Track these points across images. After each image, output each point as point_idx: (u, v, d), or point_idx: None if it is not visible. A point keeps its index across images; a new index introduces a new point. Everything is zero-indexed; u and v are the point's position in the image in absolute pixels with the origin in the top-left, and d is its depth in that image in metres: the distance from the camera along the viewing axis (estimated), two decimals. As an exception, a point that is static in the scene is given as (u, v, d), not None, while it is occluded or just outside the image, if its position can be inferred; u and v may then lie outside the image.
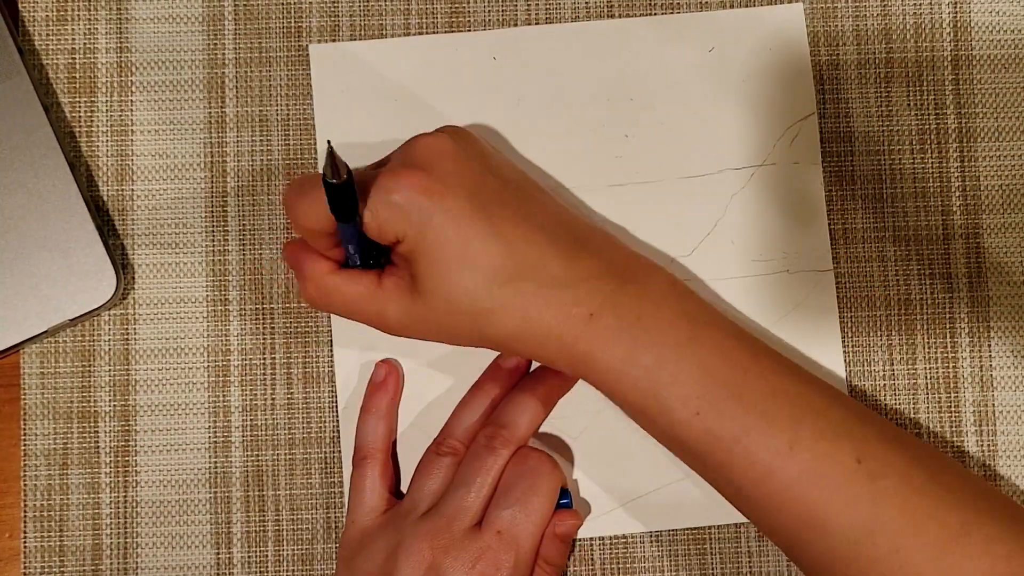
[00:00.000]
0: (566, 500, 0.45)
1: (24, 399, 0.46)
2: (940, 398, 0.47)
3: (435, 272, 0.40)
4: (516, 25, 0.48)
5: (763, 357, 0.41)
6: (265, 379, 0.47)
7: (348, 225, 0.39)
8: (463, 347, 0.42)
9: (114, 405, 0.47)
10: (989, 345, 0.48)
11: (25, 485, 0.46)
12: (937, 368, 0.47)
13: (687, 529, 0.47)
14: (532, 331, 0.40)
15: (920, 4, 0.49)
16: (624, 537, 0.47)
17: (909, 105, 0.48)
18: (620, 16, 0.49)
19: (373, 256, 0.42)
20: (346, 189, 0.37)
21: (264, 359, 0.47)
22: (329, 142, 0.36)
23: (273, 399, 0.47)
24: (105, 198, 0.47)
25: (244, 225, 0.47)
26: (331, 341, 0.47)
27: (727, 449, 0.39)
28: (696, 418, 0.39)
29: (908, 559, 0.37)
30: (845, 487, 0.38)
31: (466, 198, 0.40)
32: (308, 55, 0.48)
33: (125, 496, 0.46)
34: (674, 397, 0.39)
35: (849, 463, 0.39)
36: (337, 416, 0.47)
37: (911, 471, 0.39)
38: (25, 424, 0.46)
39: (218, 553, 0.46)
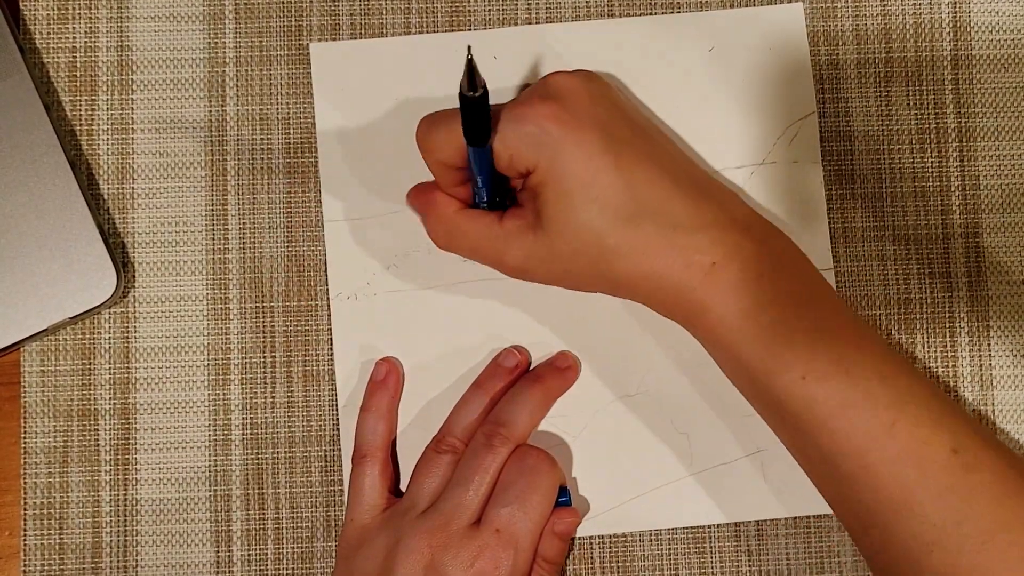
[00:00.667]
0: (565, 498, 0.45)
1: (24, 397, 0.46)
2: (940, 397, 0.47)
3: (561, 205, 0.40)
4: (516, 25, 0.48)
5: (871, 337, 0.41)
6: (265, 378, 0.47)
7: (480, 151, 0.40)
8: (563, 291, 0.43)
9: (114, 403, 0.47)
10: (989, 344, 0.48)
11: (25, 483, 0.46)
12: (937, 367, 0.47)
13: (687, 528, 0.47)
14: (651, 274, 0.40)
15: (920, 4, 0.49)
16: (624, 536, 0.47)
17: (909, 105, 0.48)
18: (620, 16, 0.49)
19: (499, 195, 0.43)
20: (482, 105, 0.37)
21: (264, 358, 0.47)
22: (470, 49, 0.36)
23: (273, 398, 0.47)
24: (106, 196, 0.47)
25: (244, 224, 0.48)
26: (331, 340, 0.47)
27: (826, 419, 0.39)
28: (801, 383, 0.39)
29: (995, 554, 0.38)
30: (940, 475, 0.38)
31: (596, 133, 0.40)
32: (308, 54, 0.48)
33: (125, 494, 0.46)
34: (783, 359, 0.40)
35: (945, 452, 0.39)
36: (337, 415, 0.47)
37: (1005, 470, 0.39)
38: (25, 422, 0.46)
39: (218, 551, 0.46)
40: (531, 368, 0.47)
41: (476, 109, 0.38)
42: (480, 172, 0.41)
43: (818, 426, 0.39)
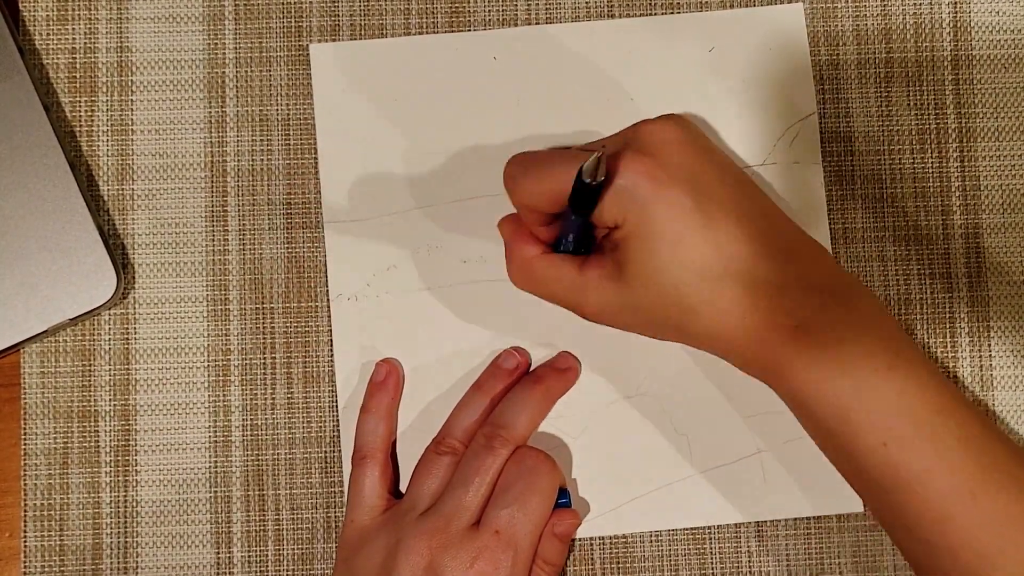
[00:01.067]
0: (565, 500, 0.45)
1: (24, 398, 0.46)
2: (940, 398, 0.47)
3: (646, 261, 0.40)
4: (516, 25, 0.48)
5: (956, 400, 0.40)
6: (265, 379, 0.47)
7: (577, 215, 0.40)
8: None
9: (114, 405, 0.47)
10: (989, 345, 0.48)
11: (25, 484, 0.46)
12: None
13: (687, 529, 0.47)
14: (732, 334, 0.40)
15: (920, 4, 0.49)
16: (624, 537, 0.47)
17: (909, 105, 0.48)
18: (620, 16, 0.49)
19: (585, 242, 0.43)
20: (598, 191, 0.38)
21: (264, 359, 0.47)
22: (604, 148, 0.37)
23: (273, 399, 0.47)
24: (105, 198, 0.47)
25: (244, 225, 0.48)
26: (331, 341, 0.47)
27: (908, 486, 0.39)
28: (883, 449, 0.39)
29: None
30: (1021, 544, 0.38)
31: (688, 189, 0.40)
32: (308, 55, 0.48)
33: (125, 495, 0.46)
34: (865, 425, 0.39)
35: None
36: (337, 416, 0.47)
37: None
38: (25, 423, 0.46)
39: (218, 552, 0.46)
40: (531, 369, 0.47)
41: (591, 193, 0.38)
42: (571, 230, 0.42)
43: (900, 495, 0.39)
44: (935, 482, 0.38)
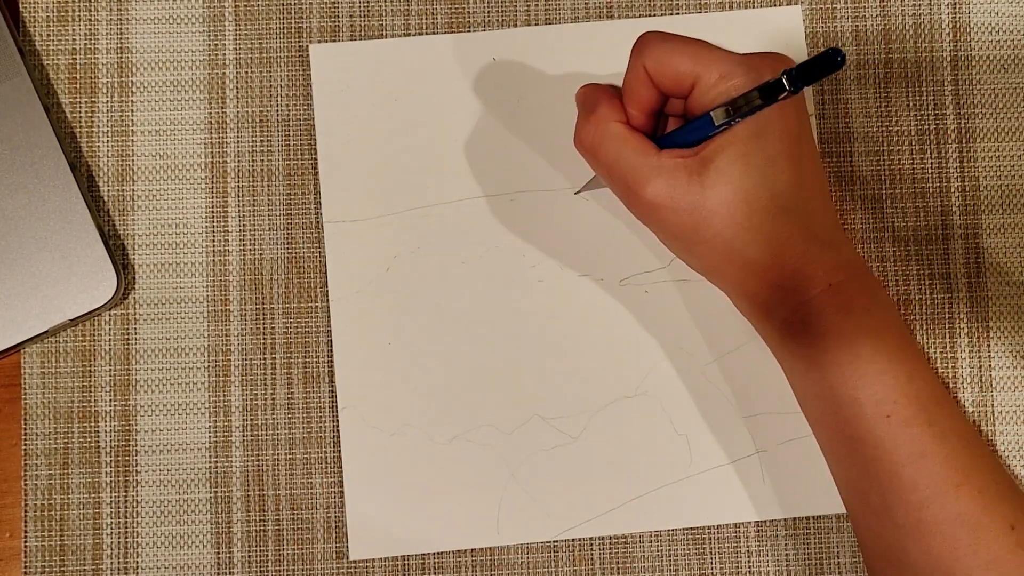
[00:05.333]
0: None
1: (25, 399, 0.47)
2: (939, 398, 0.47)
3: (736, 166, 0.40)
4: (516, 25, 0.48)
5: (953, 399, 0.42)
6: (265, 379, 0.47)
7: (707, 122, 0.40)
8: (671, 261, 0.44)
9: (114, 405, 0.47)
10: (988, 345, 0.48)
11: (26, 485, 0.46)
12: (936, 368, 0.47)
13: (687, 529, 0.47)
14: (777, 270, 0.40)
15: (919, 5, 0.49)
16: (624, 537, 0.47)
17: (908, 105, 0.48)
18: (620, 16, 0.49)
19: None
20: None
21: (264, 359, 0.47)
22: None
23: (273, 399, 0.47)
24: (105, 198, 0.47)
25: (244, 225, 0.48)
26: (331, 342, 0.47)
27: (900, 463, 0.39)
28: (884, 421, 0.39)
29: None
30: (994, 544, 0.39)
31: (801, 121, 0.41)
32: (308, 55, 0.48)
33: (125, 496, 0.46)
34: (872, 393, 0.39)
35: (1003, 525, 0.39)
36: (337, 416, 0.47)
37: None
38: (26, 424, 0.46)
39: (218, 553, 0.46)
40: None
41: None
42: (698, 130, 0.41)
43: (889, 468, 0.39)
44: (928, 465, 0.39)
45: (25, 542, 0.46)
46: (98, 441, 0.47)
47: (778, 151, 0.40)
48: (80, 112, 0.48)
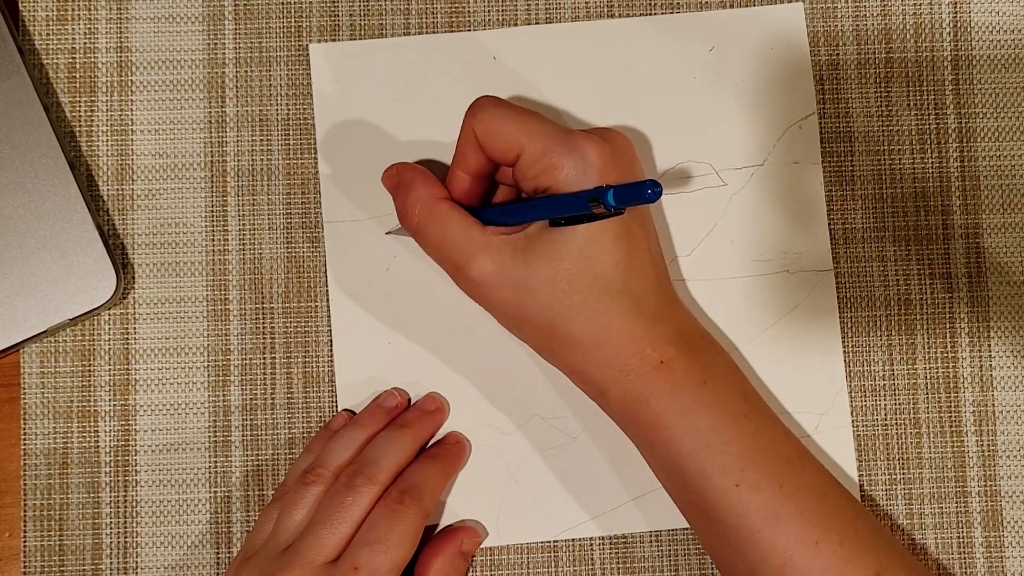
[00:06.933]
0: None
1: (24, 398, 0.46)
2: (940, 398, 0.47)
3: (557, 243, 0.40)
4: (516, 25, 0.48)
5: (805, 455, 0.42)
6: (265, 379, 0.47)
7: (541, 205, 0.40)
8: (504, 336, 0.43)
9: (114, 405, 0.47)
10: (989, 345, 0.48)
11: (25, 484, 0.46)
12: (937, 368, 0.47)
13: (687, 529, 0.47)
14: (602, 350, 0.41)
15: (920, 4, 0.49)
16: (624, 537, 0.47)
17: (909, 105, 0.48)
18: (620, 16, 0.49)
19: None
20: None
21: (264, 359, 0.47)
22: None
23: (273, 399, 0.47)
24: (105, 198, 0.47)
25: (244, 225, 0.48)
26: (331, 342, 0.47)
27: (755, 528, 0.39)
28: (734, 490, 0.40)
29: None
30: None
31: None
32: (308, 55, 0.48)
33: (125, 496, 0.46)
34: (718, 464, 0.40)
35: (869, 574, 0.39)
36: (337, 416, 0.47)
37: None
38: (25, 423, 0.46)
39: (218, 552, 0.46)
40: (405, 411, 0.46)
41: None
42: (523, 213, 0.41)
43: (746, 535, 0.40)
44: (784, 526, 0.39)
45: (24, 542, 0.46)
46: (97, 441, 0.47)
47: (600, 232, 0.40)
48: (80, 111, 0.48)
